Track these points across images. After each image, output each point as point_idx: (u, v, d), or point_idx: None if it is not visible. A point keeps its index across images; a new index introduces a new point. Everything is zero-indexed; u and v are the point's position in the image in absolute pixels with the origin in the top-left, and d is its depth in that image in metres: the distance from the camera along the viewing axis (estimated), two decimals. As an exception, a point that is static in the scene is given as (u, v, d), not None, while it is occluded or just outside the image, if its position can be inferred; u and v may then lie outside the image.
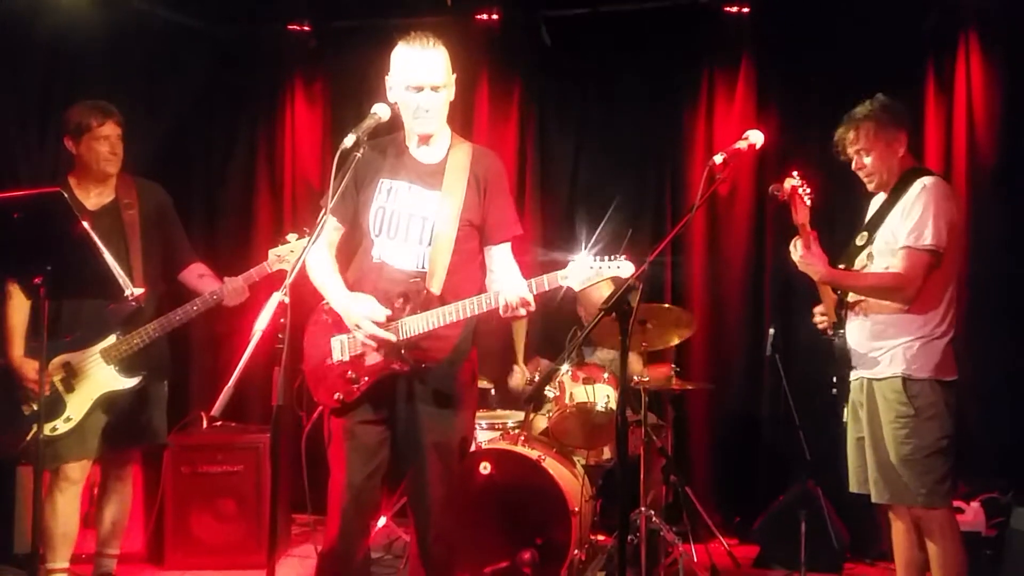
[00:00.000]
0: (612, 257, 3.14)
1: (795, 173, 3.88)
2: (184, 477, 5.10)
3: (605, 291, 5.14)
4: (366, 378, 3.35)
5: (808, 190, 3.86)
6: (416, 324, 3.28)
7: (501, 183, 3.48)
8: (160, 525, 5.12)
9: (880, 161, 3.89)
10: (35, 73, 5.78)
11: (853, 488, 3.98)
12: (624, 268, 3.12)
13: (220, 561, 5.05)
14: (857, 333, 3.90)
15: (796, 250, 3.89)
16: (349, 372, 3.36)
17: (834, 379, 4.00)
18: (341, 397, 3.38)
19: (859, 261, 3.93)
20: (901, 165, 3.90)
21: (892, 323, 3.80)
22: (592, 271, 3.14)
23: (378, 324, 3.28)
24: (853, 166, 3.96)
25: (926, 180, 3.78)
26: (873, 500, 3.86)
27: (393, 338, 3.28)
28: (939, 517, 3.77)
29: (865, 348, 3.86)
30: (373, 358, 3.33)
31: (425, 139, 3.41)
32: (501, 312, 3.20)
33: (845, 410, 3.99)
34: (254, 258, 4.33)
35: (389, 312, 3.30)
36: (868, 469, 3.84)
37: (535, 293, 3.19)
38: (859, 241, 3.95)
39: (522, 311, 3.18)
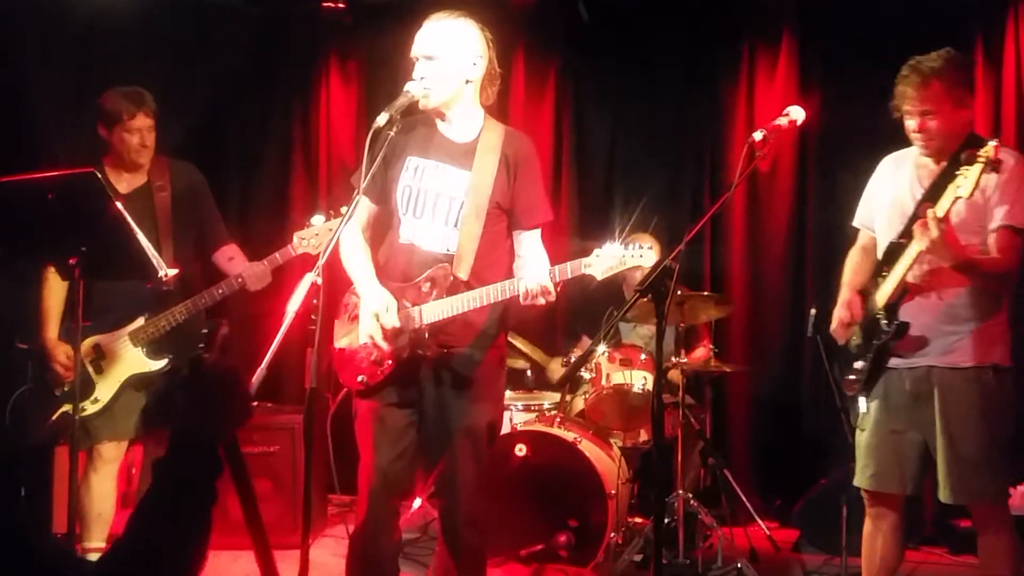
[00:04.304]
0: (637, 246, 3.10)
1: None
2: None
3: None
4: (389, 361, 3.31)
5: None
6: (437, 310, 3.25)
7: (532, 167, 3.39)
8: (197, 505, 5.13)
9: (946, 126, 3.42)
10: (70, 52, 5.79)
11: (875, 487, 3.61)
12: (647, 257, 3.08)
13: (257, 541, 5.05)
14: (922, 316, 3.45)
15: (931, 229, 3.22)
16: (374, 355, 3.33)
17: (855, 366, 3.60)
18: (365, 380, 3.36)
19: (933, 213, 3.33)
20: (963, 131, 3.47)
21: (968, 305, 3.42)
22: (615, 260, 3.10)
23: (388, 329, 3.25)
24: (914, 127, 3.45)
25: (1014, 155, 3.38)
26: (946, 501, 3.47)
27: (386, 352, 3.26)
28: (1005, 512, 3.49)
29: (934, 332, 3.44)
30: (397, 342, 3.30)
31: (441, 115, 3.35)
32: (521, 300, 3.16)
33: (864, 401, 3.60)
34: (289, 238, 4.31)
35: (399, 323, 3.25)
36: (939, 467, 3.42)
37: (557, 280, 3.14)
38: (921, 213, 3.36)
39: (542, 300, 3.14)
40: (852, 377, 3.63)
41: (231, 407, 1.93)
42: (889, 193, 3.63)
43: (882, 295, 3.53)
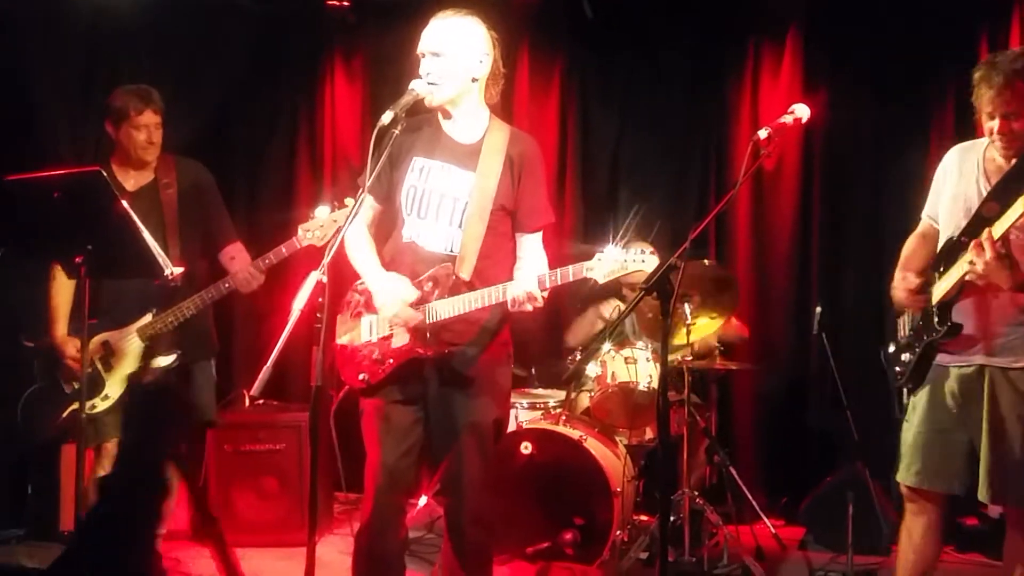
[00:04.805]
0: (639, 250, 3.10)
1: None
2: (227, 455, 5.13)
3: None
4: (391, 360, 3.33)
5: None
6: (443, 309, 3.25)
7: (536, 169, 3.40)
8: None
9: None
10: (77, 51, 5.80)
11: (918, 484, 3.52)
12: (649, 262, 3.08)
13: (263, 539, 5.07)
14: (976, 314, 3.37)
15: (986, 251, 3.14)
16: (375, 353, 3.35)
17: (902, 359, 3.54)
18: (366, 378, 3.37)
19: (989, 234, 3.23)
20: None
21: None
22: (617, 264, 3.09)
23: (409, 301, 3.25)
24: (996, 129, 3.31)
25: None
26: (986, 501, 3.42)
27: (416, 320, 3.26)
28: None
29: (987, 331, 3.35)
30: (399, 340, 3.31)
31: (446, 113, 3.35)
32: (509, 306, 3.17)
33: (906, 394, 3.56)
34: (295, 231, 4.31)
35: (419, 294, 3.27)
36: (982, 465, 3.33)
37: (560, 283, 3.14)
38: (986, 212, 3.29)
39: (528, 306, 3.14)
40: (898, 369, 3.58)
41: (167, 427, 1.95)
42: (952, 186, 3.53)
43: (938, 292, 3.42)
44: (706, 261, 5.07)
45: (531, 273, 3.20)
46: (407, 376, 3.33)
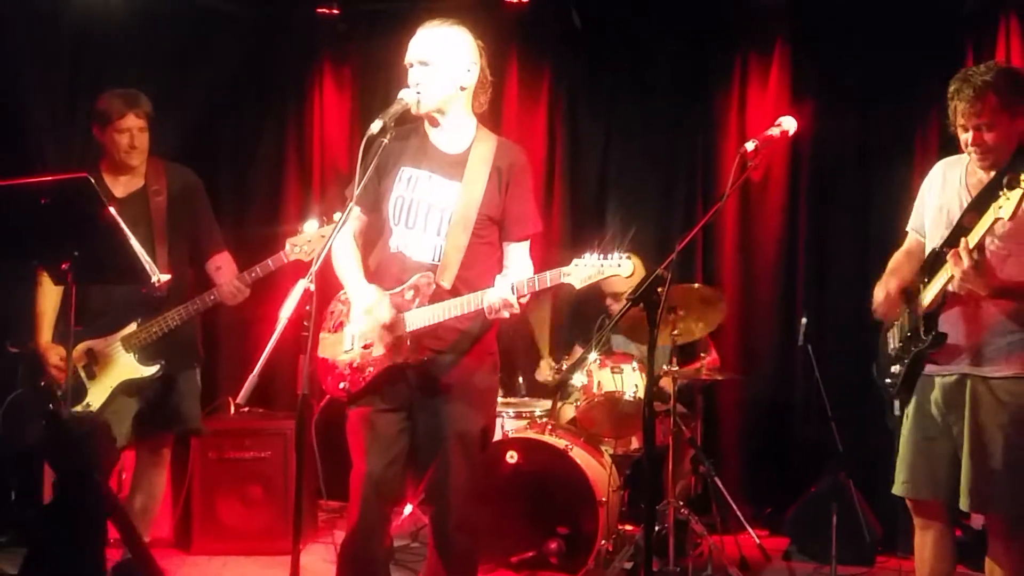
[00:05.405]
0: (616, 255, 3.11)
1: None
2: (212, 463, 5.11)
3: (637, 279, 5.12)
4: (371, 369, 3.33)
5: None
6: (419, 318, 3.26)
7: (524, 178, 3.41)
8: (188, 511, 5.13)
9: (1002, 138, 3.35)
10: (64, 58, 5.79)
11: (906, 494, 3.57)
12: (624, 267, 3.09)
13: (247, 547, 5.06)
14: (960, 324, 3.41)
15: (963, 260, 3.19)
16: (356, 362, 3.35)
17: (892, 371, 3.58)
18: (347, 387, 3.38)
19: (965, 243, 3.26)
20: (1018, 140, 3.40)
21: (1006, 316, 3.35)
22: (594, 269, 3.11)
23: (383, 322, 3.26)
24: (969, 141, 3.39)
25: None
26: (967, 509, 3.47)
27: (388, 340, 3.27)
28: (1022, 528, 3.41)
29: (970, 341, 3.39)
30: (379, 349, 3.32)
31: (433, 121, 3.36)
32: (486, 313, 3.18)
33: (898, 406, 3.57)
34: (282, 244, 4.31)
35: (394, 313, 3.27)
36: (963, 474, 3.37)
37: (537, 289, 3.15)
38: (966, 223, 3.33)
39: (505, 313, 3.15)
40: (888, 381, 3.61)
41: (93, 450, 1.99)
42: (936, 198, 3.59)
43: (924, 302, 3.47)
44: (696, 285, 5.09)
45: (504, 281, 3.20)
46: (391, 383, 3.33)
